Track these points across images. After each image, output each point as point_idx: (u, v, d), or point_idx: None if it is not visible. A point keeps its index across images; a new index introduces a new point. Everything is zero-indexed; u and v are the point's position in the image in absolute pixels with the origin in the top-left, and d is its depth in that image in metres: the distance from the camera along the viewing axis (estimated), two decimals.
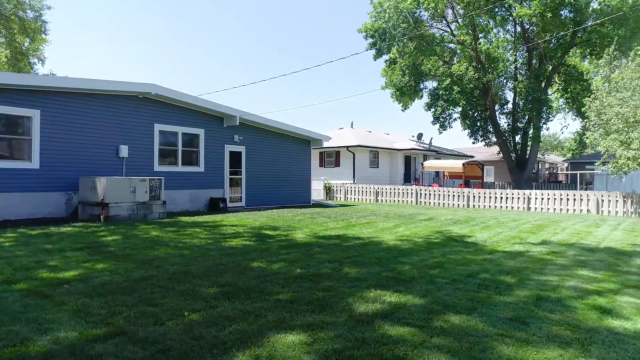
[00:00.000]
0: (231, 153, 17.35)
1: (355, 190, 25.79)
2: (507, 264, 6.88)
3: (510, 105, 31.27)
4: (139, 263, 6.39)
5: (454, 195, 22.11)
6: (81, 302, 4.47)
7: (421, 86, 31.80)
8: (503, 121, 31.52)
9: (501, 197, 20.83)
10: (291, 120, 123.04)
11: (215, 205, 16.21)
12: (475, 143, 33.41)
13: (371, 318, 4.14)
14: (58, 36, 66.15)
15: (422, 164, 32.28)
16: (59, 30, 66.40)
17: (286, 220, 12.86)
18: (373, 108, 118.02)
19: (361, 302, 4.64)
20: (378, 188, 24.99)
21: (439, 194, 22.65)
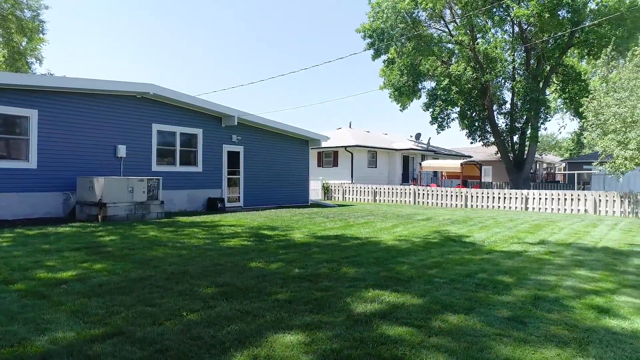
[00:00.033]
0: (229, 153, 17.34)
1: (353, 190, 25.80)
2: (505, 264, 6.89)
3: (508, 105, 31.31)
4: (137, 263, 6.38)
5: (452, 195, 22.14)
6: (79, 302, 4.46)
7: (419, 86, 31.78)
8: (501, 121, 31.57)
9: (499, 197, 20.87)
10: (289, 120, 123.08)
11: (213, 205, 16.20)
12: (473, 143, 33.44)
13: (369, 318, 4.14)
14: (58, 36, 66.09)
15: (420, 164, 32.32)
16: (59, 30, 66.35)
17: (284, 220, 12.86)
18: (371, 108, 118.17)
19: (359, 302, 4.64)
20: (376, 188, 25.01)
21: (437, 194, 22.68)
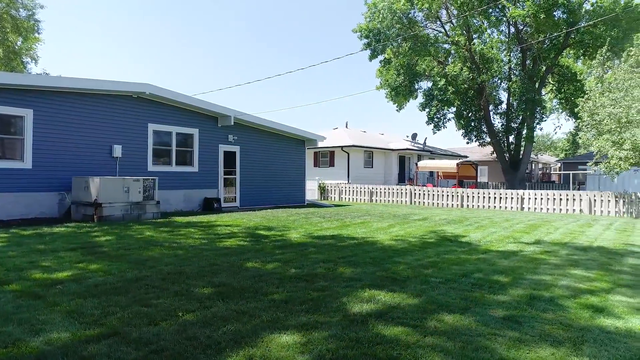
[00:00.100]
0: (225, 153, 17.31)
1: (349, 190, 25.81)
2: (501, 264, 6.91)
3: (504, 105, 31.44)
4: (133, 263, 6.36)
5: (448, 195, 22.19)
6: (74, 303, 4.45)
7: (416, 86, 31.84)
8: (497, 121, 31.68)
9: (495, 197, 20.93)
10: (286, 120, 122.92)
11: (209, 205, 16.17)
12: (469, 143, 33.56)
13: (365, 318, 4.15)
14: (58, 36, 65.92)
15: (417, 164, 32.36)
16: (59, 30, 66.16)
17: (281, 220, 12.85)
18: (368, 108, 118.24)
19: (355, 302, 4.64)
20: (372, 188, 25.03)
21: (433, 194, 22.72)
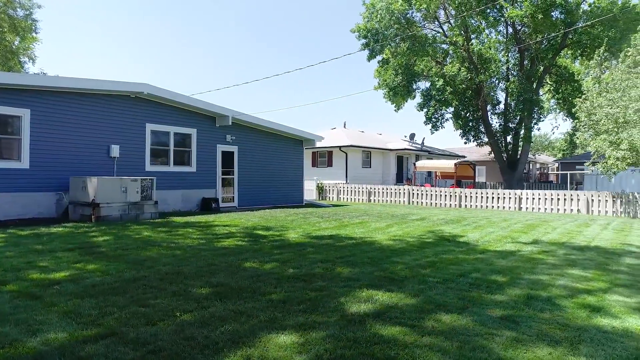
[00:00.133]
0: (223, 153, 17.30)
1: (347, 190, 25.82)
2: (499, 264, 6.92)
3: (502, 105, 31.47)
4: (131, 263, 6.35)
5: (446, 195, 22.21)
6: (72, 303, 4.44)
7: (414, 86, 31.88)
8: (495, 121, 31.75)
9: (493, 197, 20.96)
10: (284, 120, 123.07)
11: (207, 205, 16.16)
12: (467, 143, 33.61)
13: (363, 318, 4.15)
14: (57, 36, 65.77)
15: (415, 164, 32.40)
16: (58, 30, 66.03)
17: (279, 220, 12.85)
18: (366, 108, 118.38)
19: (353, 302, 4.65)
20: (370, 188, 25.04)
21: (431, 194, 22.75)
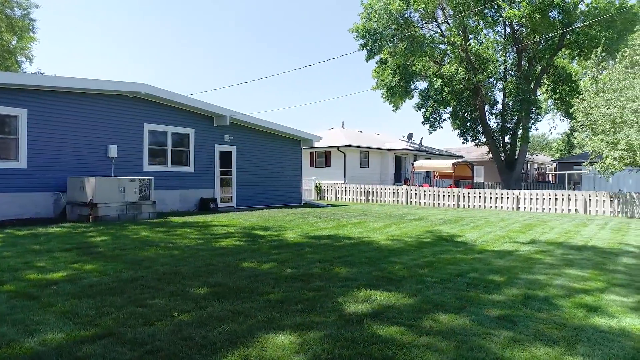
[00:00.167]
0: (221, 153, 17.28)
1: (346, 190, 25.83)
2: (496, 263, 6.94)
3: (499, 105, 31.54)
4: (129, 264, 6.35)
5: (444, 195, 22.24)
6: (69, 303, 4.43)
7: (412, 86, 31.90)
8: (493, 121, 31.80)
9: (491, 197, 20.99)
10: (282, 120, 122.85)
11: (205, 205, 16.14)
12: (465, 143, 33.64)
13: (361, 318, 4.15)
14: (57, 36, 65.64)
15: (413, 164, 32.43)
16: (57, 30, 65.90)
17: (277, 220, 12.84)
18: (364, 108, 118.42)
19: (351, 302, 4.65)
20: (369, 188, 25.05)
21: (429, 194, 22.77)
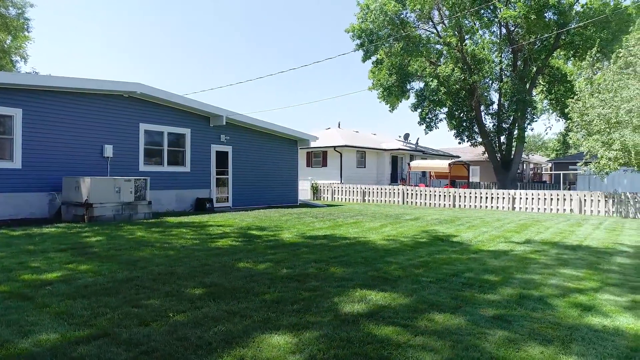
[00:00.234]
0: (218, 153, 17.26)
1: (342, 190, 25.84)
2: (492, 263, 6.96)
3: (495, 106, 31.64)
4: (124, 264, 6.33)
5: (440, 195, 22.29)
6: (64, 304, 4.41)
7: (408, 87, 31.96)
8: (488, 122, 31.89)
9: (486, 197, 21.06)
10: (278, 120, 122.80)
11: (201, 205, 16.11)
12: (461, 143, 33.74)
13: (356, 318, 4.16)
14: (57, 36, 65.33)
15: (409, 164, 32.46)
16: (57, 30, 65.58)
17: (273, 220, 12.84)
18: (360, 108, 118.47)
19: (347, 302, 4.66)
20: (365, 188, 25.07)
21: (426, 194, 22.81)
